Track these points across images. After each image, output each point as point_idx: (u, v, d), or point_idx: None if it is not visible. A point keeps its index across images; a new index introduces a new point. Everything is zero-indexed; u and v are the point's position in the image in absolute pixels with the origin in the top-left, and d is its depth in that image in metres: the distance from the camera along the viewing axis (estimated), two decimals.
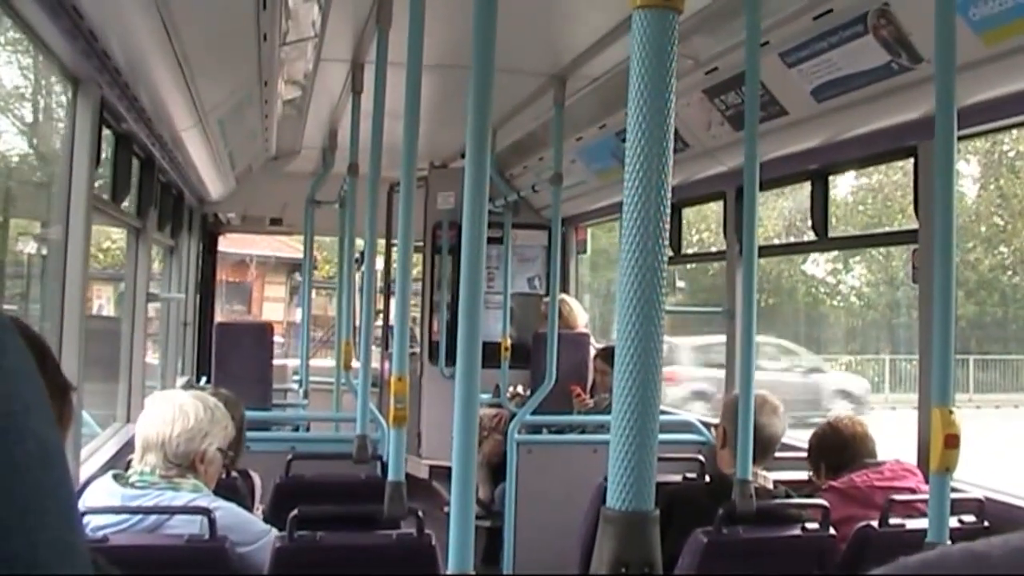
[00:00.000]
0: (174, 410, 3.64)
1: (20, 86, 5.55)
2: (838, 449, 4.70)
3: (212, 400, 3.81)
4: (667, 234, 1.79)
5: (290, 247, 26.95)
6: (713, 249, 13.29)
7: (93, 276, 6.43)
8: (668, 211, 1.79)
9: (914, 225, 4.99)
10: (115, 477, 3.61)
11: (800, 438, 5.45)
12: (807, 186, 5.92)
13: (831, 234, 6.05)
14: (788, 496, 4.34)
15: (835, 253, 22.46)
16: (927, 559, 0.58)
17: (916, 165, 4.91)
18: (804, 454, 5.41)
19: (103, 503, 3.54)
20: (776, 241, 19.56)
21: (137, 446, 3.65)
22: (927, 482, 3.46)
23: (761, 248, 4.29)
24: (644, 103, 1.75)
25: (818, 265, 26.34)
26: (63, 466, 0.59)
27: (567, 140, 7.17)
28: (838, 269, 26.61)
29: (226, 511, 3.60)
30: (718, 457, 4.71)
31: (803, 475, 5.06)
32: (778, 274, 25.30)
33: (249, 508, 4.32)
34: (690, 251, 10.99)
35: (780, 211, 21.17)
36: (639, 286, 1.75)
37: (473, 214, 2.57)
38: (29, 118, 5.77)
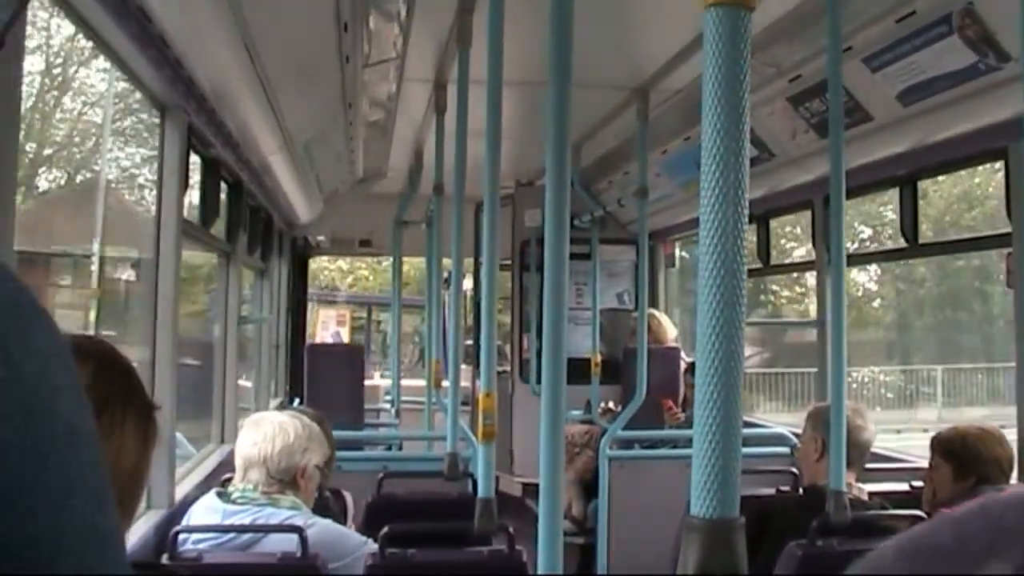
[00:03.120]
0: (274, 428, 3.72)
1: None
2: (972, 462, 4.47)
3: (307, 419, 3.88)
4: (743, 243, 1.77)
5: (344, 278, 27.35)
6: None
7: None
8: (746, 218, 1.77)
9: (1006, 228, 4.90)
10: (219, 495, 3.69)
11: (894, 448, 5.37)
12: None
13: (921, 240, 5.97)
14: (883, 508, 4.27)
15: None
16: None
17: (1007, 166, 4.82)
18: (898, 464, 5.34)
19: (206, 519, 3.62)
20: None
21: (238, 465, 3.74)
22: None
23: (850, 256, 4.23)
24: (719, 104, 1.73)
25: None
26: (93, 449, 0.59)
27: (651, 153, 7.15)
28: None
29: (321, 528, 3.64)
30: (807, 469, 4.65)
31: (900, 486, 4.98)
32: None
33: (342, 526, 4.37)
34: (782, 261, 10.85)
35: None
36: (719, 297, 1.73)
37: (555, 230, 2.57)
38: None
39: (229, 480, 3.86)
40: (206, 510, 3.69)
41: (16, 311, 0.57)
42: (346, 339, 19.52)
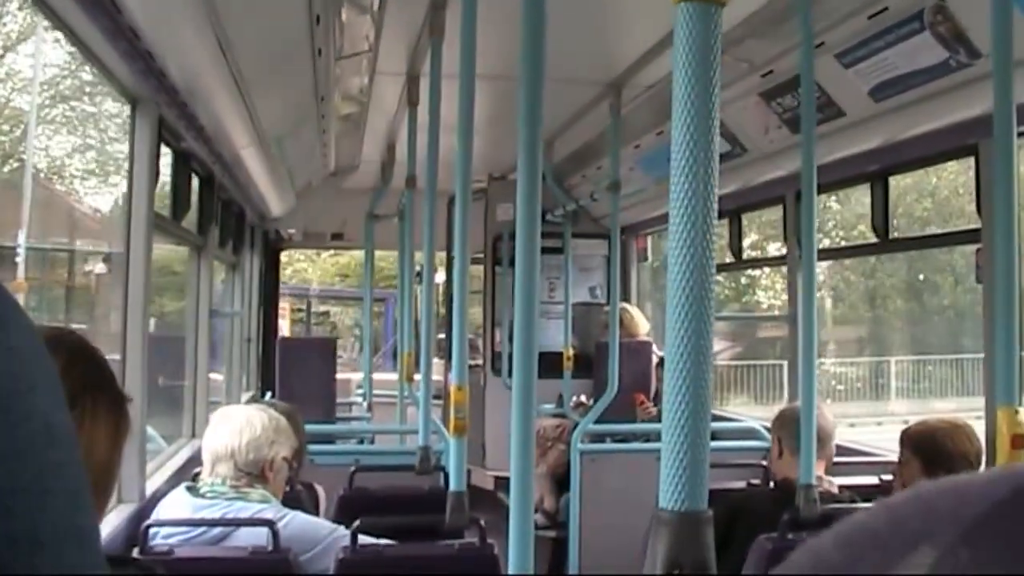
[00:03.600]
0: (240, 422, 3.71)
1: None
2: (941, 457, 4.48)
3: (274, 411, 3.87)
4: (713, 238, 1.77)
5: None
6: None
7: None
8: (716, 212, 1.77)
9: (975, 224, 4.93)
10: (188, 489, 3.69)
11: (864, 442, 5.39)
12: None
13: (891, 235, 6.00)
14: (852, 501, 4.29)
15: None
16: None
17: (977, 163, 4.85)
18: (868, 459, 5.36)
19: (176, 514, 3.61)
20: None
21: (206, 459, 3.73)
22: None
23: (821, 252, 4.25)
24: (689, 100, 1.74)
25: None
26: (70, 447, 0.59)
27: (625, 148, 7.17)
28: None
29: (292, 520, 3.63)
30: (775, 467, 4.67)
31: (870, 480, 5.00)
32: None
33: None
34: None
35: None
36: (688, 291, 1.74)
37: (527, 224, 2.57)
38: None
39: (198, 475, 3.84)
40: (175, 505, 3.68)
41: None
42: (286, 332, 19.36)
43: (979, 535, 0.48)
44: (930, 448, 4.40)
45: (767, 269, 19.18)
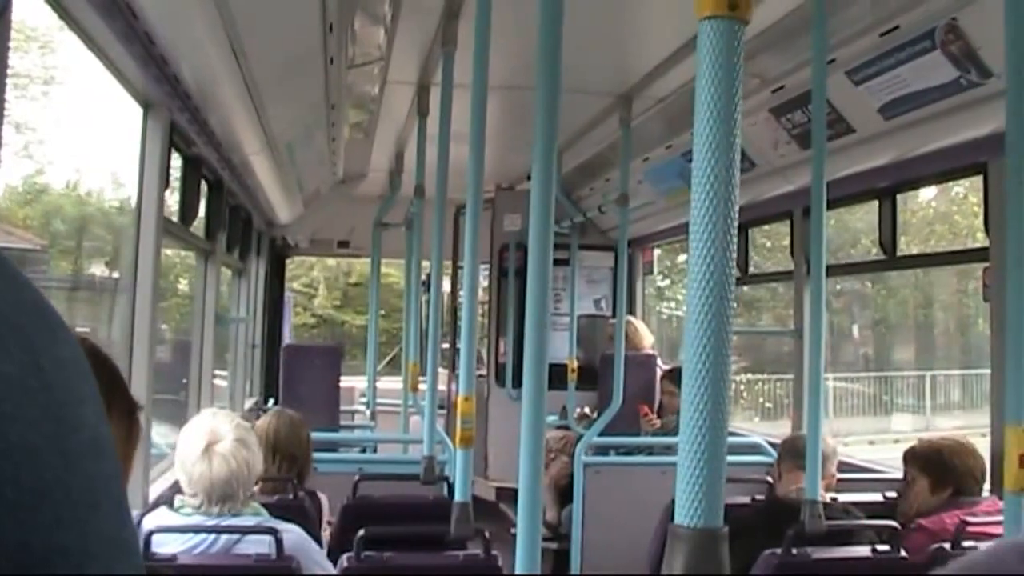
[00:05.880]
0: (221, 459, 3.54)
1: None
2: (948, 475, 4.49)
3: (243, 430, 3.70)
4: (733, 254, 1.78)
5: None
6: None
7: None
8: (736, 229, 1.78)
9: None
10: (177, 508, 3.58)
11: (867, 459, 5.39)
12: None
13: (900, 252, 6.00)
14: (847, 512, 4.30)
15: None
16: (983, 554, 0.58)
17: (986, 182, 4.85)
18: (873, 475, 5.36)
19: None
20: None
21: (184, 482, 3.58)
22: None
23: (829, 268, 4.25)
24: (711, 116, 1.74)
25: None
26: (114, 460, 0.59)
27: (633, 161, 7.17)
28: None
29: (293, 533, 3.62)
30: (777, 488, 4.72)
31: (874, 497, 5.00)
32: None
33: (317, 528, 4.35)
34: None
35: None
36: (708, 306, 1.74)
37: (540, 235, 2.58)
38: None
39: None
40: (162, 523, 3.58)
41: (42, 321, 0.57)
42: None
43: None
44: (938, 466, 4.43)
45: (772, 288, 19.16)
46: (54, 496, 0.53)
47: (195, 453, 3.53)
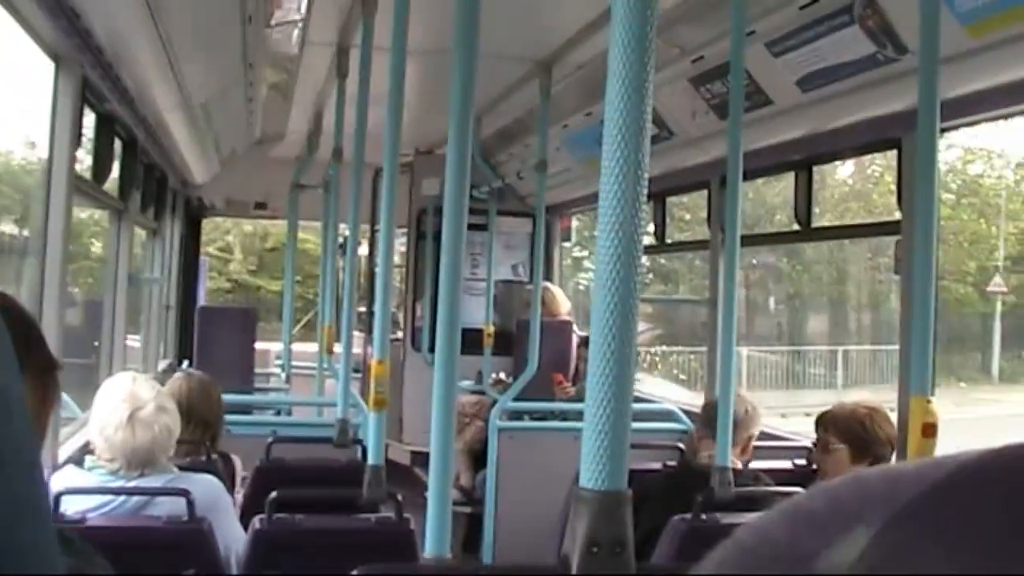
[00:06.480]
0: (149, 426, 3.50)
1: None
2: (869, 443, 4.52)
3: (163, 395, 3.67)
4: (641, 221, 1.79)
5: None
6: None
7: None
8: (645, 198, 1.78)
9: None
10: (89, 468, 3.54)
11: (776, 427, 5.46)
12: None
13: (814, 224, 6.07)
14: (757, 479, 4.35)
15: None
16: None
17: (900, 157, 4.91)
18: (783, 443, 5.44)
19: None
20: None
21: (100, 446, 3.53)
22: None
23: (744, 238, 4.29)
24: (623, 86, 1.75)
25: None
26: (24, 419, 0.58)
27: (552, 127, 7.17)
28: None
29: (202, 485, 3.58)
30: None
31: (784, 464, 5.07)
32: None
33: (229, 490, 4.32)
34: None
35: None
36: (616, 272, 1.75)
37: (455, 200, 2.58)
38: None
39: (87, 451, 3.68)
40: (71, 481, 3.53)
41: None
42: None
43: (909, 518, 0.51)
44: (859, 434, 4.46)
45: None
46: None
47: (117, 420, 3.47)
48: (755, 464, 4.65)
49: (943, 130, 3.64)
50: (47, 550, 0.57)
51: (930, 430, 3.20)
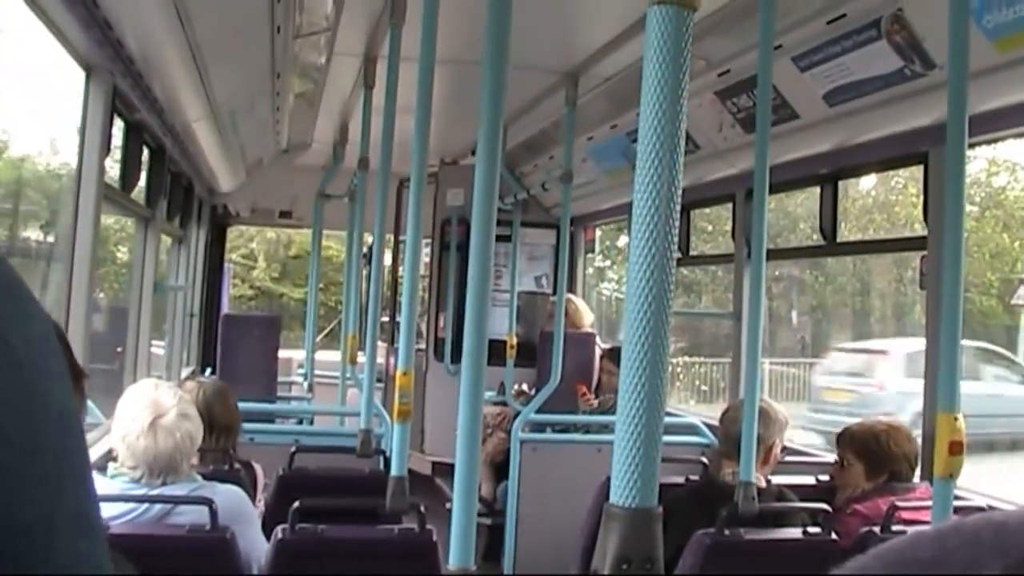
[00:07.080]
0: (171, 433, 3.51)
1: None
2: (884, 460, 4.52)
3: (185, 402, 3.66)
4: (675, 235, 1.79)
5: None
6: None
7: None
8: (678, 212, 1.79)
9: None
10: (111, 476, 3.54)
11: (800, 442, 5.44)
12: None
13: (840, 239, 6.05)
14: (781, 495, 4.33)
15: None
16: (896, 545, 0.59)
17: (926, 171, 4.90)
18: (806, 459, 5.41)
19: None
20: None
21: (123, 453, 3.53)
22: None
23: (769, 251, 4.27)
24: (657, 101, 1.75)
25: None
26: (81, 435, 0.59)
27: (578, 139, 7.17)
28: None
29: (226, 494, 3.59)
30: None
31: (807, 480, 5.05)
32: None
33: (251, 499, 4.33)
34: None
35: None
36: (648, 286, 1.75)
37: (483, 210, 2.58)
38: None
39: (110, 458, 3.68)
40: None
41: (11, 295, 0.57)
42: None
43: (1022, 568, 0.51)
44: (874, 451, 4.46)
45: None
46: (23, 473, 0.53)
47: (140, 427, 3.47)
48: (779, 479, 4.63)
49: (970, 145, 3.62)
50: (101, 562, 0.58)
51: (957, 448, 3.18)
